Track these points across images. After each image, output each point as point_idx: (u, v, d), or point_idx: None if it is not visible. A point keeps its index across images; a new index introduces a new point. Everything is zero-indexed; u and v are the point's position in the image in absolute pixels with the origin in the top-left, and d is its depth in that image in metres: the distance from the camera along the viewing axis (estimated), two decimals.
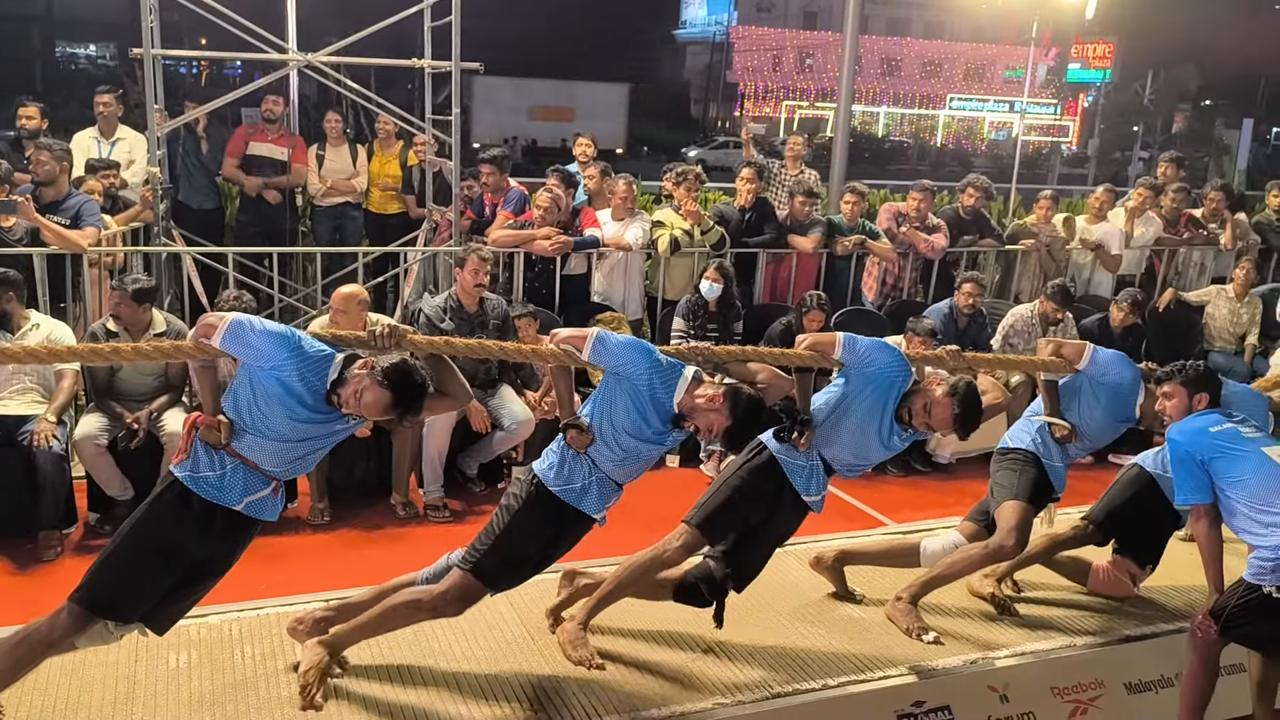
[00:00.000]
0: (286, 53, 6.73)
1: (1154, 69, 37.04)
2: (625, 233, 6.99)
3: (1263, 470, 3.56)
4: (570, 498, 3.43)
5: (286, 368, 3.02)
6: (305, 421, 3.09)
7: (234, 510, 3.12)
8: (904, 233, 7.61)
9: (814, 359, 3.80)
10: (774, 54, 48.40)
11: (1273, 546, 3.45)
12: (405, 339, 3.33)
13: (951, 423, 3.68)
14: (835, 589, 4.37)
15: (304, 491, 5.47)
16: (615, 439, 3.41)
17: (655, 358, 3.39)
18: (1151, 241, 8.36)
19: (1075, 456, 4.38)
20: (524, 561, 3.47)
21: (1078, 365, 4.22)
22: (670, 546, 3.67)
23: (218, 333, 3.07)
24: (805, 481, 3.77)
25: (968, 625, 4.18)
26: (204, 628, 3.75)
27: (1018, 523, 4.04)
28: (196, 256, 6.66)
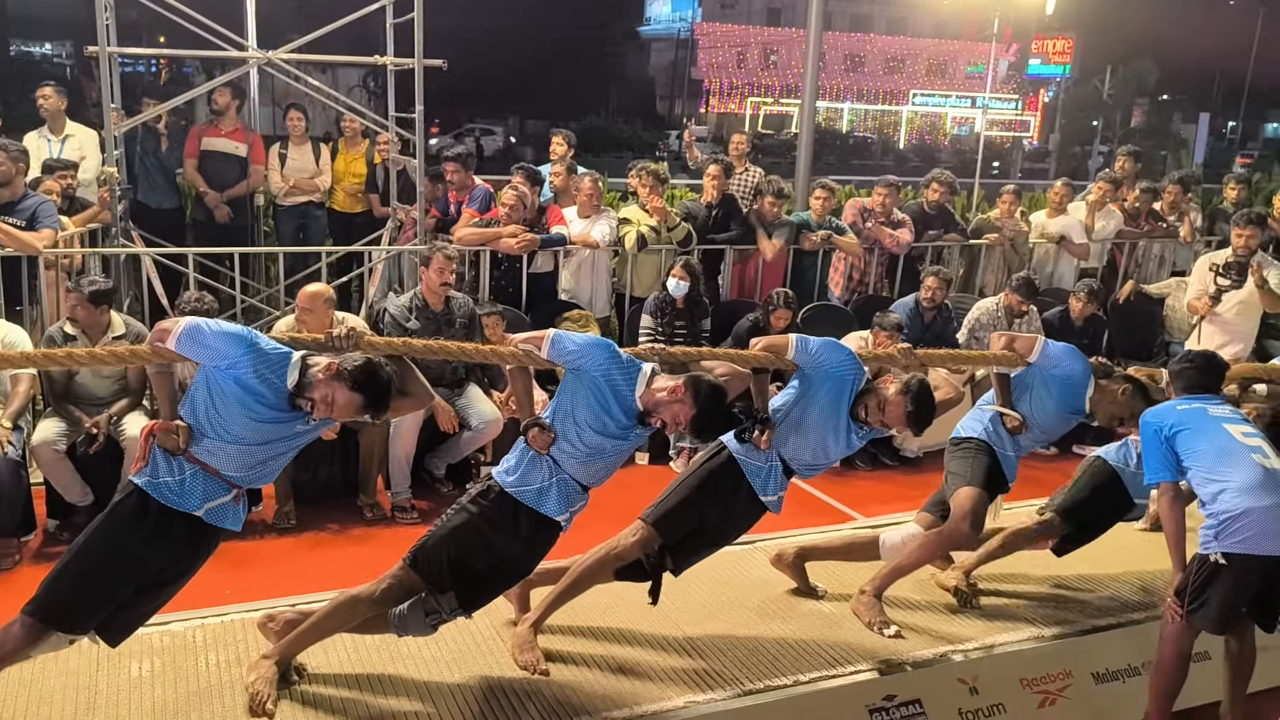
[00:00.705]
0: (246, 50, 6.64)
1: (1113, 64, 37.46)
2: (592, 230, 6.97)
3: (1217, 442, 3.63)
4: (528, 499, 3.40)
5: (243, 366, 2.99)
6: (266, 422, 3.05)
7: (194, 517, 3.07)
8: (869, 228, 7.64)
9: (769, 360, 3.83)
10: (738, 50, 48.51)
11: (1215, 513, 3.53)
12: (364, 340, 3.30)
13: (905, 420, 3.72)
14: (797, 585, 4.38)
15: (269, 495, 5.40)
16: (579, 436, 3.39)
17: (614, 352, 3.40)
18: (1112, 235, 8.45)
19: (1027, 448, 4.42)
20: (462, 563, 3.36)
21: (1029, 358, 4.25)
22: (624, 543, 3.68)
23: (172, 336, 3.03)
24: (763, 481, 3.79)
25: (937, 619, 4.20)
26: (166, 635, 3.69)
27: (972, 508, 4.08)
28: (156, 257, 6.55)
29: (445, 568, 3.35)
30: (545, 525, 3.45)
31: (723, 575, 4.42)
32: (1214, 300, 6.91)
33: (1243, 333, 7.01)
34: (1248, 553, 3.51)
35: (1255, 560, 3.52)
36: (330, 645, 3.56)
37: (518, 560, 3.51)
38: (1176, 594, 3.64)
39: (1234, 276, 6.83)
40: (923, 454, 6.81)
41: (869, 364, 3.97)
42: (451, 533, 3.37)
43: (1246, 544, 3.50)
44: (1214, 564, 3.54)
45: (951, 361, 4.52)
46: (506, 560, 3.47)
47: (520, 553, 3.49)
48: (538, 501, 3.41)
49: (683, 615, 4.08)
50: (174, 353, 3.07)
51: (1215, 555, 3.54)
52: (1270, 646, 4.15)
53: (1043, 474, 6.38)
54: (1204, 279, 7.01)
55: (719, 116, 48.59)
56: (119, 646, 3.49)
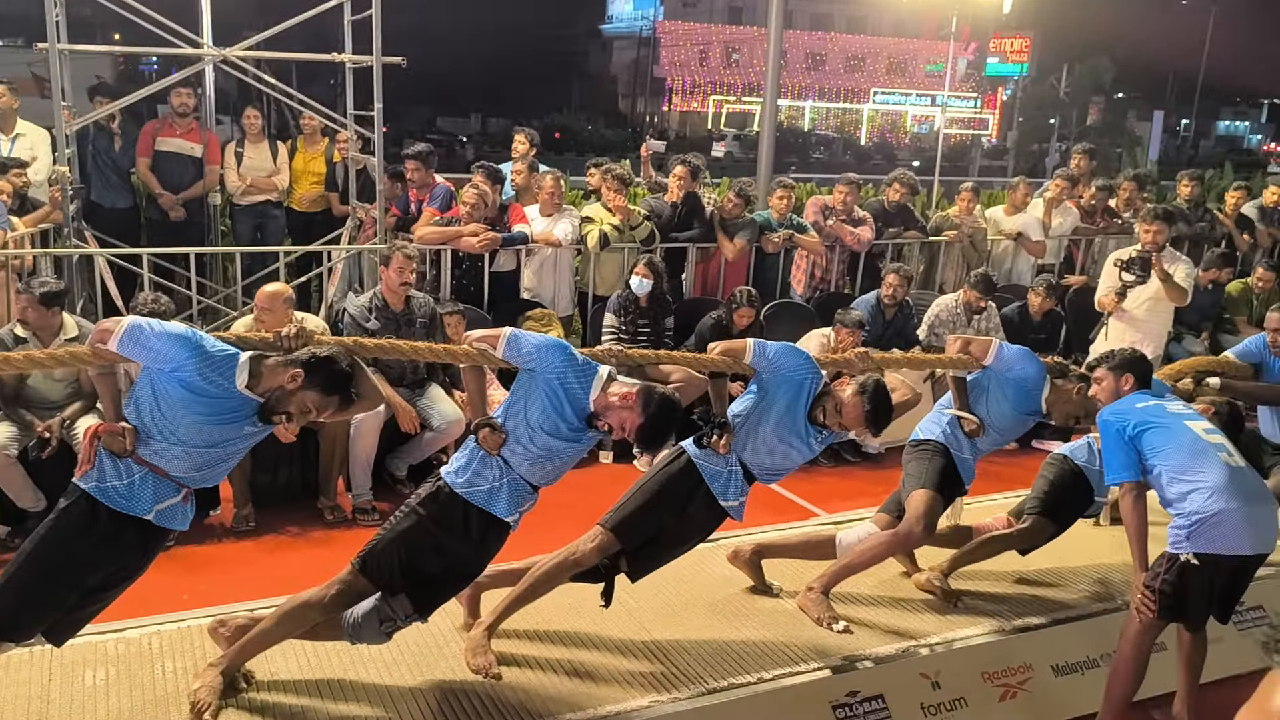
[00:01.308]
0: (201, 47, 6.54)
1: (1069, 62, 38.02)
2: (554, 228, 6.94)
3: (1182, 440, 3.66)
4: (478, 500, 3.36)
5: (188, 368, 2.94)
6: (213, 424, 3.01)
7: (144, 520, 3.02)
8: (831, 226, 7.68)
9: (726, 364, 3.84)
10: (700, 49, 48.67)
11: (1187, 514, 3.56)
12: (313, 339, 3.26)
13: (863, 420, 3.75)
14: (754, 583, 4.38)
15: (227, 498, 5.32)
16: (530, 437, 3.35)
17: (570, 354, 3.37)
18: (1069, 231, 8.55)
19: (984, 450, 4.45)
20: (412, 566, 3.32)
21: (984, 361, 4.29)
22: (583, 549, 3.64)
23: (114, 337, 2.98)
24: (723, 487, 3.77)
25: (899, 615, 4.22)
26: (121, 642, 3.62)
27: (925, 510, 4.11)
28: (110, 258, 6.44)
29: (396, 571, 3.30)
30: (495, 526, 3.41)
31: (687, 573, 4.42)
32: (1120, 296, 6.69)
33: (1154, 331, 6.78)
34: (1220, 553, 3.54)
35: (1225, 559, 3.57)
36: (287, 649, 3.51)
37: (469, 561, 3.47)
38: (1147, 588, 3.67)
39: (1138, 272, 6.59)
40: (884, 450, 6.84)
41: (826, 367, 3.98)
42: (401, 535, 3.33)
43: (1218, 544, 3.53)
44: (1184, 563, 3.57)
45: (908, 364, 4.55)
46: (458, 562, 3.43)
47: (471, 554, 3.45)
48: (488, 502, 3.37)
49: (646, 615, 4.07)
50: (115, 354, 3.01)
51: (1187, 555, 3.56)
52: (1222, 639, 4.24)
53: (1004, 469, 6.46)
54: (1112, 275, 6.78)
55: (682, 115, 48.71)
56: (74, 655, 3.45)
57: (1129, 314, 6.71)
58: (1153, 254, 6.52)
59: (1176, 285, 6.52)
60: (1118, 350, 4.10)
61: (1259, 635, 1.43)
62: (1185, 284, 6.59)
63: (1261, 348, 4.99)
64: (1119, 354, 4.05)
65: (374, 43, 6.41)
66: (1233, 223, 9.27)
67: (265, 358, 3.11)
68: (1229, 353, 5.19)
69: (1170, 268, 6.54)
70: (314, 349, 3.15)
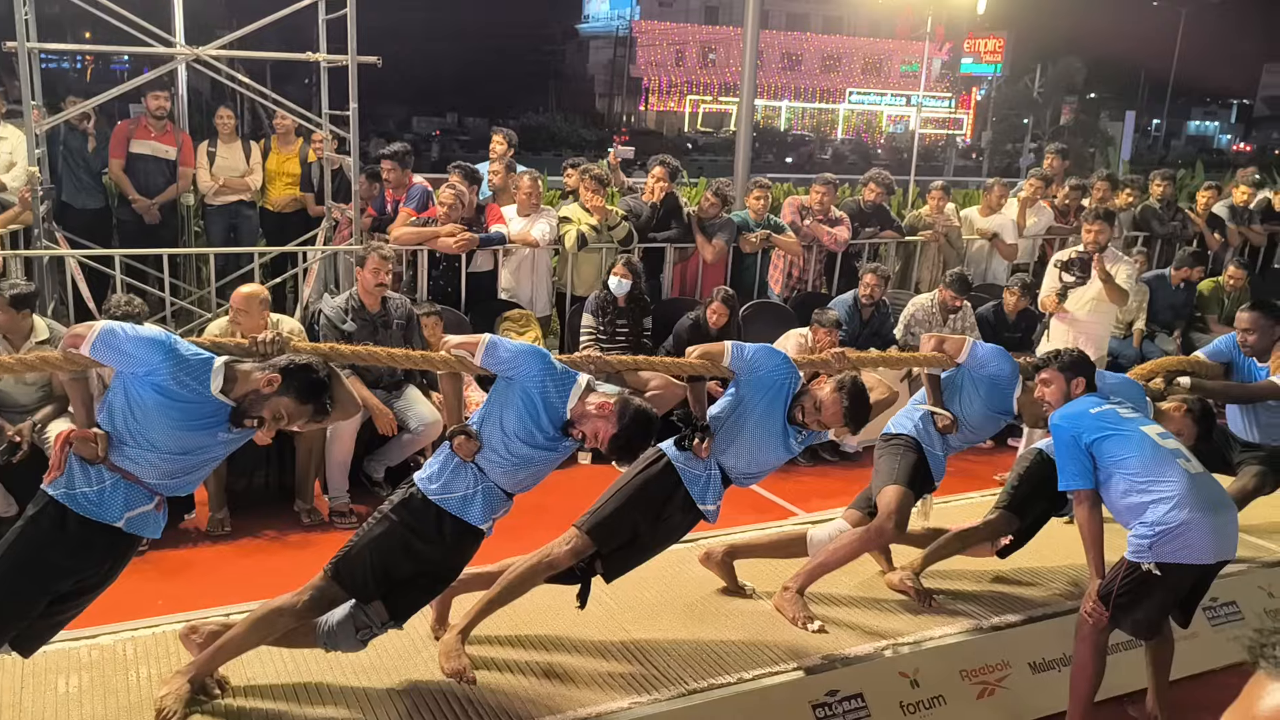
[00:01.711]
0: (173, 46, 6.48)
1: (1042, 63, 38.30)
2: (532, 229, 6.92)
3: (1142, 448, 3.65)
4: (451, 507, 3.33)
5: (162, 372, 2.90)
6: (188, 430, 2.97)
7: (114, 527, 2.98)
8: (808, 226, 7.70)
9: (705, 367, 3.82)
10: (677, 49, 48.73)
11: (1150, 523, 3.55)
12: (290, 345, 3.23)
13: (842, 418, 3.75)
14: (726, 584, 4.38)
15: (202, 502, 5.28)
16: (506, 445, 3.33)
17: (549, 362, 3.35)
18: (1043, 231, 8.62)
19: (956, 447, 4.47)
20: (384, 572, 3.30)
21: (958, 359, 4.31)
22: (557, 551, 3.62)
23: (86, 341, 2.92)
24: (702, 490, 3.76)
25: (877, 614, 4.24)
26: (95, 649, 3.58)
27: (897, 506, 4.12)
28: (81, 259, 6.36)
29: (369, 577, 3.28)
30: (469, 532, 3.39)
31: (667, 574, 4.42)
32: (1060, 297, 6.52)
33: (1096, 332, 6.55)
34: (1183, 563, 3.57)
35: (1188, 568, 3.59)
36: (260, 653, 3.47)
37: (442, 567, 3.44)
38: (1100, 598, 3.68)
39: (1077, 273, 6.42)
40: (862, 449, 6.87)
41: (803, 368, 3.98)
42: (374, 541, 3.30)
43: (1182, 555, 3.55)
44: (1146, 573, 3.58)
45: (884, 364, 4.57)
46: (431, 567, 3.40)
47: (445, 560, 3.42)
48: (462, 510, 3.34)
49: (625, 616, 4.07)
50: (88, 359, 2.97)
51: (1149, 565, 3.57)
52: (1196, 634, 4.28)
53: (978, 466, 6.51)
54: (1053, 276, 6.66)
55: (658, 115, 48.73)
56: (46, 663, 3.40)
57: (1070, 315, 6.55)
58: (1093, 255, 6.39)
59: (1118, 286, 6.39)
60: (1064, 350, 4.09)
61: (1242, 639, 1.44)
62: (1126, 285, 6.48)
63: (1232, 347, 5.03)
64: (1066, 354, 4.04)
65: (349, 42, 6.37)
66: (1204, 222, 9.37)
67: (241, 363, 3.08)
68: (1200, 352, 5.24)
69: (1112, 268, 6.40)
70: (292, 356, 3.12)
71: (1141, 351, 8.03)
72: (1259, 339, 4.89)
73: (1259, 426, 5.01)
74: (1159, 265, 8.95)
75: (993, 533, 4.45)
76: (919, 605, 4.30)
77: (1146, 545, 3.56)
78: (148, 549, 4.87)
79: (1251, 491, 4.92)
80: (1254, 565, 4.91)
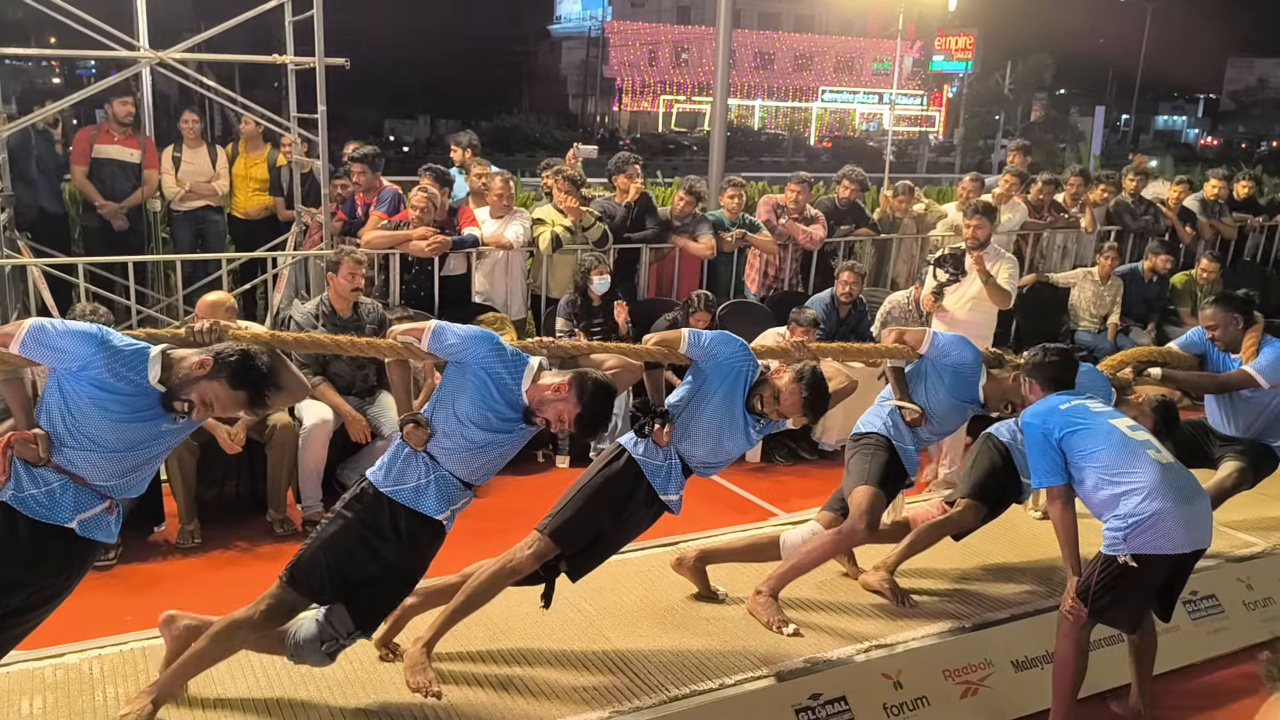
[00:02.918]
0: (136, 50, 6.36)
1: (1012, 60, 38.59)
2: (505, 231, 6.85)
3: (1111, 440, 3.64)
4: (404, 498, 3.26)
5: (97, 366, 2.83)
6: (128, 423, 2.89)
7: (67, 529, 2.89)
8: (783, 224, 7.67)
9: (662, 354, 3.79)
10: (650, 49, 48.72)
11: (1123, 515, 3.55)
12: (227, 333, 3.14)
13: (800, 407, 3.73)
14: (698, 590, 4.33)
15: (171, 513, 5.17)
16: (460, 432, 3.26)
17: (497, 343, 3.29)
18: (1018, 227, 8.63)
19: (927, 440, 4.47)
20: (341, 573, 3.23)
21: (920, 350, 4.31)
22: (520, 555, 3.57)
23: (16, 340, 2.85)
24: (663, 481, 3.74)
25: (858, 615, 4.21)
26: (60, 668, 3.49)
27: (868, 506, 4.10)
28: (44, 268, 6.23)
29: (324, 580, 3.20)
30: (426, 525, 3.31)
31: (642, 580, 4.37)
32: (936, 296, 6.08)
33: (977, 333, 5.59)
34: (1157, 553, 3.55)
35: (1164, 558, 3.58)
36: (233, 665, 3.40)
37: (402, 565, 3.36)
38: (1079, 595, 3.66)
39: (950, 270, 6.00)
40: (841, 447, 6.83)
41: (762, 357, 3.97)
42: (328, 542, 3.23)
43: (1156, 544, 3.53)
44: (1123, 565, 3.57)
45: (844, 355, 4.53)
46: (390, 566, 3.31)
47: (404, 558, 3.34)
48: (415, 500, 3.27)
49: (604, 623, 4.02)
50: (19, 358, 2.89)
51: (1125, 557, 3.56)
52: (1177, 628, 4.28)
53: None
54: (932, 273, 6.25)
55: (632, 115, 48.71)
56: (9, 683, 3.32)
57: (950, 315, 6.09)
58: (967, 251, 6.01)
59: (998, 286, 5.93)
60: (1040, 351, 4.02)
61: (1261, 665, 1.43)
62: (1008, 285, 5.98)
63: (1204, 338, 5.04)
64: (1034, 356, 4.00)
65: (316, 44, 6.28)
66: (1175, 215, 9.42)
67: (179, 350, 3.00)
68: (1173, 343, 5.24)
69: (993, 266, 5.99)
70: (231, 343, 3.04)
71: (1116, 344, 8.05)
72: (1224, 332, 4.91)
73: (1236, 418, 5.02)
74: (1132, 260, 8.99)
75: (961, 523, 4.43)
76: (900, 605, 4.27)
77: (1121, 537, 3.56)
78: (115, 562, 4.80)
79: (1231, 487, 4.93)
80: (1233, 559, 4.92)
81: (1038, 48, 37.72)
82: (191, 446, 5.04)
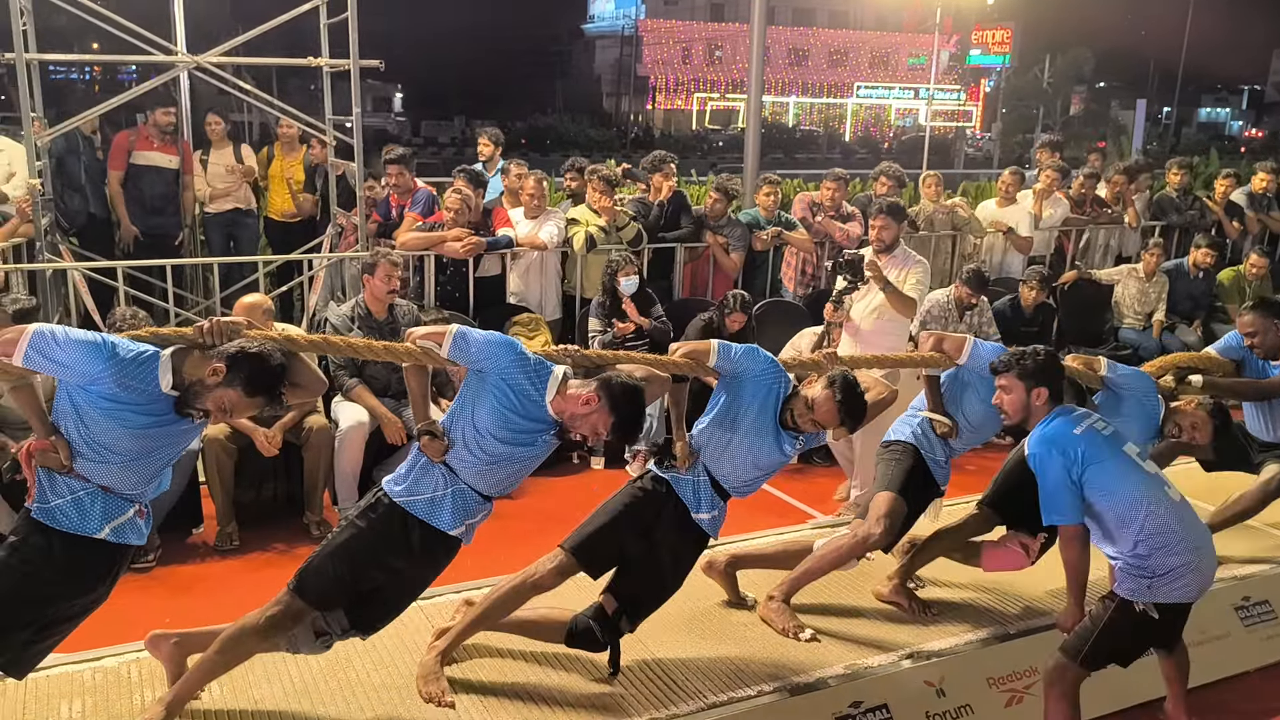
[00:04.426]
0: (174, 54, 6.41)
1: (1051, 53, 38.10)
2: (539, 231, 6.83)
3: (1128, 478, 3.44)
4: (418, 510, 3.19)
5: (105, 380, 2.76)
6: (143, 429, 2.84)
7: (97, 540, 2.87)
8: (819, 222, 7.58)
9: (689, 366, 3.69)
10: (683, 46, 48.59)
11: (1147, 567, 3.37)
12: (240, 333, 3.04)
13: (837, 415, 3.61)
14: (728, 595, 4.25)
15: (209, 515, 5.20)
16: (479, 443, 3.18)
17: (520, 352, 3.19)
18: (1060, 222, 8.48)
19: (960, 450, 4.34)
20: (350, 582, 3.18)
21: (958, 359, 4.15)
22: (542, 570, 3.49)
23: (18, 350, 2.72)
24: (694, 498, 3.65)
25: (899, 622, 4.13)
26: (99, 672, 3.50)
27: (886, 512, 4.00)
28: (85, 272, 6.30)
29: (332, 588, 3.16)
30: (438, 539, 3.24)
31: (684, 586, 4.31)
32: (835, 304, 5.40)
33: (883, 347, 5.20)
34: (1179, 601, 3.44)
35: (1185, 606, 3.48)
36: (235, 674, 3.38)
37: (411, 576, 3.30)
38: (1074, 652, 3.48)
39: (849, 276, 5.32)
40: None
41: (792, 370, 3.88)
42: (337, 550, 3.18)
43: (1180, 594, 3.41)
44: (1142, 614, 3.41)
45: (876, 364, 4.41)
46: (399, 577, 3.26)
47: (413, 568, 3.28)
48: (429, 514, 3.20)
49: (642, 629, 3.95)
50: (21, 369, 2.78)
51: (1145, 606, 3.39)
52: (1222, 637, 4.17)
53: None
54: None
55: (666, 113, 48.63)
56: (50, 687, 3.34)
57: (854, 325, 5.63)
58: (865, 255, 5.52)
59: (899, 293, 5.44)
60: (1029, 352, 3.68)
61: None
62: (914, 293, 5.51)
63: (1242, 343, 4.91)
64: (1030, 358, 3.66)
65: (351, 46, 6.30)
66: (1222, 210, 9.22)
67: (189, 352, 2.92)
68: (1210, 349, 5.11)
69: (899, 272, 5.51)
70: (243, 343, 2.94)
71: (1161, 343, 7.90)
72: (1264, 339, 4.76)
73: (1276, 424, 4.88)
74: (1177, 255, 8.80)
75: (972, 530, 4.31)
76: (943, 611, 4.18)
77: (1145, 586, 3.39)
78: (154, 564, 4.84)
79: (1276, 489, 4.81)
80: None
81: (1077, 40, 37.24)
82: (229, 449, 5.07)
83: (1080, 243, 8.78)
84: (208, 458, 5.05)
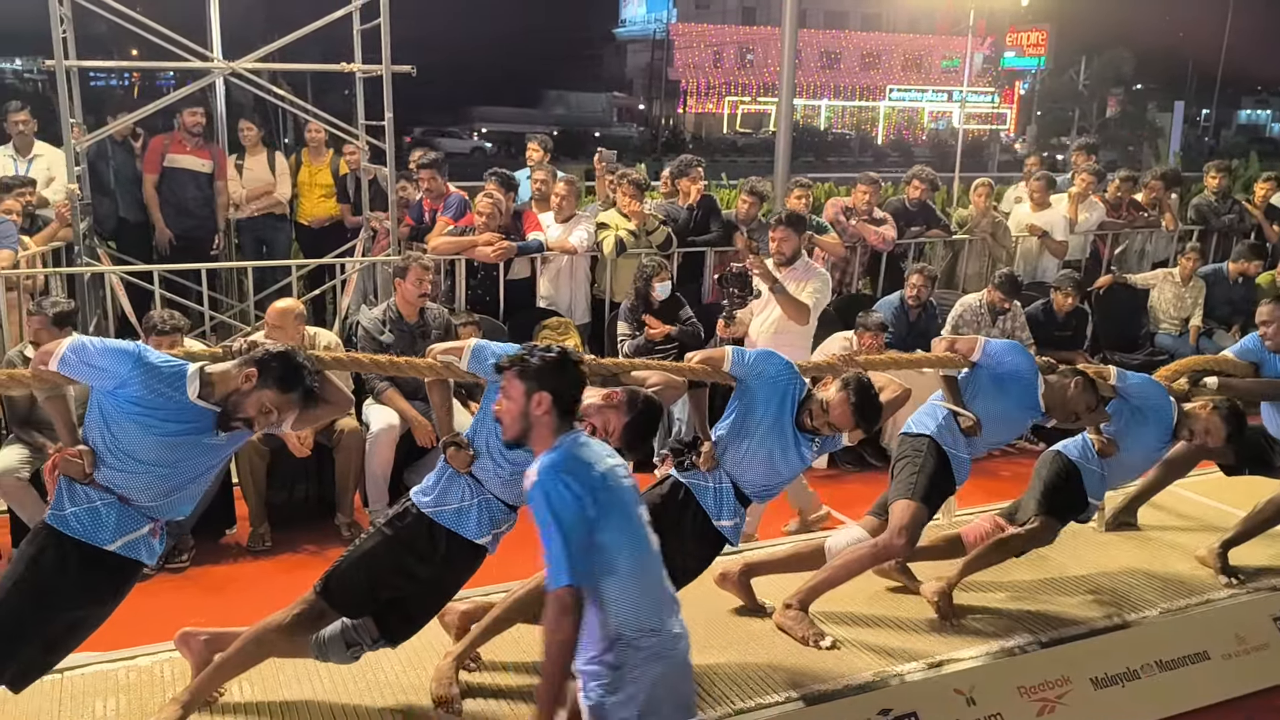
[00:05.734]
0: (210, 61, 6.50)
1: (1087, 54, 37.65)
2: (569, 235, 6.85)
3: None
4: (445, 520, 3.23)
5: (134, 382, 2.85)
6: (169, 437, 2.90)
7: (107, 551, 2.92)
8: (853, 226, 7.54)
9: (706, 372, 3.72)
10: (714, 50, 48.53)
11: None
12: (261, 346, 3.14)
13: (852, 416, 3.61)
14: (745, 604, 4.22)
15: (242, 516, 5.25)
16: (503, 454, 3.21)
17: None
18: (1095, 226, 8.38)
19: (982, 449, 4.28)
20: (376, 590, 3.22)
21: (972, 358, 4.17)
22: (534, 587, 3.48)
23: (55, 358, 2.89)
24: (715, 505, 3.64)
25: (930, 630, 4.10)
26: (133, 670, 3.55)
27: (908, 523, 3.95)
28: (123, 275, 6.39)
29: (358, 594, 3.20)
30: (465, 548, 3.28)
31: (695, 592, 4.29)
32: (725, 320, 5.10)
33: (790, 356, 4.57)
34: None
35: None
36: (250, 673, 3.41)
37: (437, 585, 3.34)
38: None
39: (735, 292, 5.03)
40: None
41: (807, 372, 3.89)
42: (364, 557, 3.22)
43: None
44: None
45: (892, 365, 4.39)
46: (425, 585, 3.29)
47: (439, 577, 3.31)
48: (456, 523, 3.24)
49: None
50: (58, 375, 2.92)
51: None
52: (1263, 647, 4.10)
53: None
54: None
55: (697, 117, 48.61)
56: (84, 685, 3.39)
57: (752, 341, 5.60)
58: (750, 270, 5.29)
59: (794, 301, 5.42)
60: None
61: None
62: (808, 299, 5.53)
63: (1259, 345, 4.83)
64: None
65: (383, 51, 6.35)
66: (1262, 214, 9.07)
67: (216, 365, 3.02)
68: (1228, 351, 5.04)
69: (798, 285, 5.49)
70: (268, 346, 3.05)
71: (1198, 347, 7.78)
72: (1277, 330, 4.69)
73: None
74: (1216, 259, 8.67)
75: (1036, 539, 4.28)
76: (972, 619, 4.14)
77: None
78: (189, 564, 4.90)
79: None
80: None
81: (1113, 42, 36.74)
82: (262, 451, 5.13)
83: (1117, 248, 8.67)
84: (241, 460, 5.10)
